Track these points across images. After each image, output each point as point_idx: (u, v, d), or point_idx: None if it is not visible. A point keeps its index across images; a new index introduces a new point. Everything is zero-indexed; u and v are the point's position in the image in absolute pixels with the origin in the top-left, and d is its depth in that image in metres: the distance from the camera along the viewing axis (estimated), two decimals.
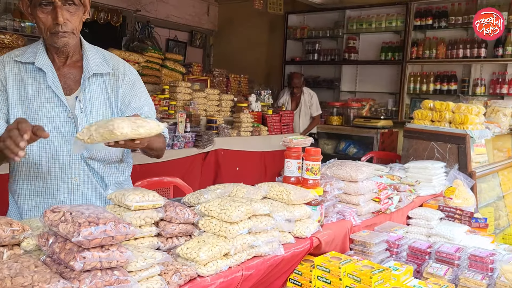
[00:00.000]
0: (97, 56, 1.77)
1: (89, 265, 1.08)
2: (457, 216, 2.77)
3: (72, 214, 1.13)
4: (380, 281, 1.70)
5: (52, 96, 1.68)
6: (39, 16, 1.57)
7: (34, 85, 1.68)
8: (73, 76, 1.73)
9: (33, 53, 1.69)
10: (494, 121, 4.60)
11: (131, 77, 1.83)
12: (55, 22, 1.56)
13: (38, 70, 1.68)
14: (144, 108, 1.82)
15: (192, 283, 1.35)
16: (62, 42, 1.60)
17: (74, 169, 1.70)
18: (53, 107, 1.68)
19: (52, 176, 1.68)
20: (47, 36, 1.60)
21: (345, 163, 2.36)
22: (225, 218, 1.49)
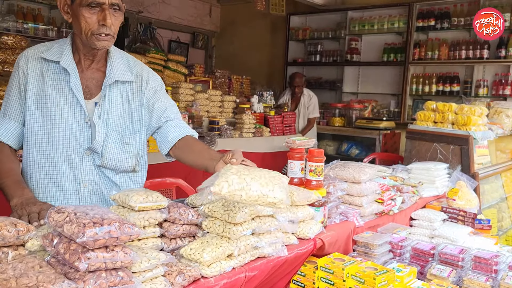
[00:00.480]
0: (121, 62, 1.75)
1: (94, 266, 1.08)
2: (460, 217, 2.77)
3: (76, 215, 1.12)
4: (384, 282, 1.69)
5: (72, 98, 1.66)
6: (84, 15, 1.54)
7: (54, 85, 1.66)
8: (95, 81, 1.71)
9: (59, 51, 1.67)
10: (497, 122, 4.59)
11: (154, 84, 1.82)
12: (102, 23, 1.55)
13: (61, 69, 1.66)
14: (168, 109, 1.81)
15: (196, 284, 1.35)
16: (102, 44, 1.59)
17: (84, 174, 1.69)
18: (71, 110, 1.66)
19: (62, 179, 1.67)
20: (87, 37, 1.57)
21: (348, 164, 2.36)
22: (229, 219, 1.48)
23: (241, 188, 1.33)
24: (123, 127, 1.74)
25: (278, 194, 1.35)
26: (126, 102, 1.75)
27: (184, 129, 1.80)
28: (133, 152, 1.76)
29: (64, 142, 1.65)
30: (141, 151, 1.81)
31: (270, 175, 1.41)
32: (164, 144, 1.78)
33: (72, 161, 1.67)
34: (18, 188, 1.52)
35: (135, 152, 1.77)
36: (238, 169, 1.39)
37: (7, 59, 4.11)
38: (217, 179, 1.35)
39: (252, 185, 1.33)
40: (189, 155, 1.70)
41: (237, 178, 1.34)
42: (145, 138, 1.83)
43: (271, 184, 1.36)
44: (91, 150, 1.68)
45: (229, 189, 1.32)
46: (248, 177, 1.35)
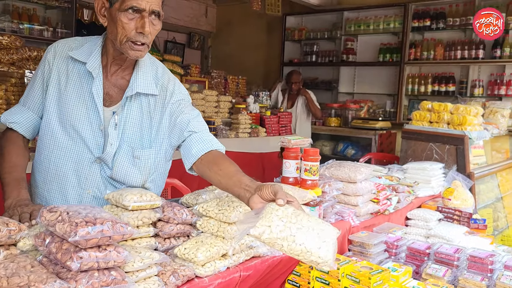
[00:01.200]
0: (149, 73, 1.66)
1: (86, 265, 1.07)
2: (456, 217, 2.77)
3: (69, 214, 1.11)
4: (379, 282, 1.69)
5: (91, 103, 1.60)
6: (122, 20, 1.47)
7: (77, 85, 1.61)
8: (118, 89, 1.64)
9: (88, 51, 1.60)
10: (492, 122, 4.60)
11: (179, 96, 1.70)
12: (140, 31, 1.48)
13: (86, 71, 1.60)
14: (191, 122, 1.67)
15: (190, 284, 1.35)
16: (135, 54, 1.52)
17: (90, 181, 1.63)
18: (88, 114, 1.60)
19: (67, 182, 1.63)
20: (121, 43, 1.50)
21: (343, 164, 2.36)
22: (223, 218, 1.48)
23: (283, 238, 1.18)
24: (137, 140, 1.66)
25: (324, 254, 1.18)
26: (146, 115, 1.66)
27: (208, 142, 1.63)
28: (143, 168, 1.67)
29: (76, 145, 1.61)
30: (154, 167, 1.70)
31: (320, 227, 1.23)
32: (187, 158, 1.64)
33: (80, 166, 1.62)
34: (15, 188, 1.50)
35: (146, 167, 1.67)
36: (285, 213, 1.21)
37: (1, 59, 4.09)
38: (259, 221, 1.20)
39: (297, 237, 1.17)
40: (216, 174, 1.51)
41: (282, 225, 1.19)
42: (164, 154, 1.72)
43: (319, 241, 1.19)
44: (101, 160, 1.62)
45: (270, 235, 1.18)
46: (295, 226, 1.19)
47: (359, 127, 5.72)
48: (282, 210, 1.23)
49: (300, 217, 1.23)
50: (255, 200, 1.32)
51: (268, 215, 1.21)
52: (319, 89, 6.69)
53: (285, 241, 1.18)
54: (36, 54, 4.07)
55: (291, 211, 1.24)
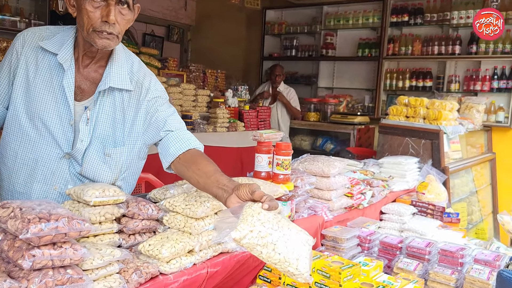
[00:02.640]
0: (124, 66, 1.59)
1: (39, 264, 1.02)
2: (429, 211, 2.79)
3: (22, 210, 1.07)
4: (349, 276, 1.68)
5: (61, 97, 1.52)
6: (87, 8, 1.40)
7: (46, 77, 1.53)
8: (90, 82, 1.57)
9: (60, 42, 1.52)
10: (467, 117, 4.66)
11: (155, 93, 1.65)
12: (104, 20, 1.41)
13: (57, 63, 1.52)
14: (168, 121, 1.62)
15: (154, 281, 1.31)
16: (102, 43, 1.44)
17: (57, 177, 1.56)
18: (57, 108, 1.53)
19: (33, 177, 1.56)
20: (87, 33, 1.43)
21: (317, 158, 2.34)
22: (190, 213, 1.44)
23: (263, 244, 1.14)
24: (108, 137, 1.59)
25: (302, 267, 1.15)
26: (120, 111, 1.60)
27: (186, 141, 1.58)
28: (115, 166, 1.61)
29: (44, 139, 1.54)
30: (126, 165, 1.64)
31: (299, 237, 1.20)
32: (165, 158, 1.59)
33: (47, 161, 1.55)
34: None
35: (117, 165, 1.62)
36: (267, 218, 1.18)
37: None
38: (240, 224, 1.16)
39: (277, 246, 1.14)
40: (194, 174, 1.47)
41: (264, 231, 1.15)
42: (137, 152, 1.67)
43: (298, 251, 1.16)
44: (70, 156, 1.56)
45: (250, 240, 1.14)
46: (276, 233, 1.16)
47: (338, 122, 5.72)
48: (264, 215, 1.20)
49: (281, 224, 1.21)
50: (233, 200, 1.29)
51: (249, 218, 1.18)
52: (298, 83, 6.68)
53: (265, 248, 1.15)
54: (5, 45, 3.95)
55: (273, 216, 1.21)
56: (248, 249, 1.17)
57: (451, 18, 5.28)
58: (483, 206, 4.80)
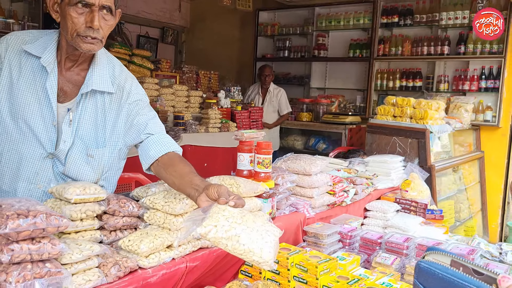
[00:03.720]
0: (106, 70, 1.65)
1: (18, 258, 1.08)
2: (412, 208, 2.85)
3: (1, 207, 1.12)
4: (326, 270, 1.74)
5: (44, 99, 1.58)
6: (71, 14, 1.46)
7: (30, 80, 1.58)
8: (72, 85, 1.62)
9: (43, 46, 1.58)
10: (456, 116, 4.73)
11: (136, 97, 1.71)
12: (89, 25, 1.47)
13: (40, 66, 1.57)
14: (149, 124, 1.68)
15: (133, 275, 1.36)
16: (87, 47, 1.50)
17: (40, 176, 1.62)
18: (41, 110, 1.58)
19: (18, 176, 1.61)
20: (72, 37, 1.49)
21: (300, 157, 2.40)
22: (169, 210, 1.50)
23: (228, 237, 1.21)
24: (91, 139, 1.65)
25: (266, 255, 1.21)
26: (101, 113, 1.65)
27: (166, 145, 1.64)
28: (97, 166, 1.67)
29: (28, 140, 1.59)
30: (108, 165, 1.70)
31: (264, 228, 1.27)
32: (145, 160, 1.65)
33: (31, 161, 1.61)
34: None
35: (100, 165, 1.68)
36: (232, 214, 1.25)
37: None
38: (206, 220, 1.23)
39: (241, 238, 1.21)
40: (171, 175, 1.54)
41: (227, 225, 1.22)
42: (118, 153, 1.72)
43: (262, 241, 1.23)
44: (54, 156, 1.61)
45: (215, 234, 1.21)
46: (240, 227, 1.23)
47: (330, 122, 5.79)
48: (228, 211, 1.26)
49: (246, 218, 1.27)
50: (202, 199, 1.36)
51: (215, 215, 1.25)
52: (291, 84, 6.74)
53: (229, 240, 1.22)
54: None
55: (237, 211, 1.28)
56: (214, 243, 1.23)
57: (440, 19, 5.35)
58: (472, 204, 4.87)
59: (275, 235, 1.27)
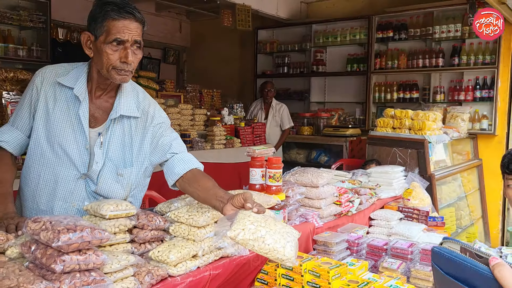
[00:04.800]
0: (131, 96, 1.83)
1: (69, 267, 1.22)
2: (414, 215, 2.99)
3: (52, 223, 1.26)
4: (337, 275, 1.87)
5: (78, 125, 1.75)
6: (107, 52, 1.63)
7: (64, 108, 1.76)
8: (102, 111, 1.80)
9: (75, 77, 1.75)
10: (453, 126, 4.89)
11: (160, 120, 1.88)
12: (123, 61, 1.64)
13: (73, 96, 1.74)
14: (173, 144, 1.85)
15: (164, 283, 1.50)
16: (122, 79, 1.69)
17: (75, 195, 1.77)
18: (74, 135, 1.75)
19: (55, 196, 1.77)
20: (108, 71, 1.66)
21: (307, 170, 2.55)
22: (193, 223, 1.64)
23: (255, 239, 1.37)
24: (119, 159, 1.81)
25: (288, 252, 1.38)
26: (128, 136, 1.82)
27: (189, 162, 1.81)
28: (126, 184, 1.83)
29: (63, 163, 1.75)
30: (135, 183, 1.87)
31: (285, 230, 1.44)
32: (171, 177, 1.81)
33: (67, 182, 1.76)
34: (2, 202, 1.64)
35: (128, 183, 1.83)
36: (256, 219, 1.42)
37: None
38: (234, 225, 1.40)
39: (266, 239, 1.38)
40: (196, 190, 1.71)
41: (253, 228, 1.39)
42: (143, 171, 1.88)
43: (284, 241, 1.39)
44: (87, 176, 1.77)
45: (243, 237, 1.38)
46: (264, 229, 1.39)
47: (330, 135, 5.94)
48: (253, 216, 1.44)
49: (268, 222, 1.45)
50: (228, 208, 1.54)
51: (241, 220, 1.42)
52: (292, 99, 6.92)
53: (256, 241, 1.38)
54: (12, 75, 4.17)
55: (261, 217, 1.46)
56: (243, 245, 1.40)
57: (433, 33, 5.55)
58: (472, 211, 5.00)
59: (295, 236, 1.45)
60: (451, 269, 0.80)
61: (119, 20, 1.63)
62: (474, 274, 0.77)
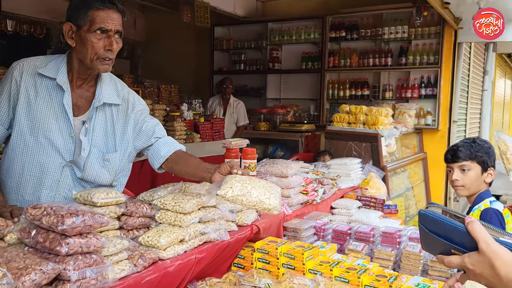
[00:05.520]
0: (110, 85, 1.90)
1: (72, 250, 1.27)
2: (372, 203, 3.22)
3: (53, 209, 1.31)
4: (310, 256, 2.02)
5: (62, 114, 1.79)
6: (92, 40, 1.69)
7: (46, 98, 1.78)
8: (84, 100, 1.85)
9: (55, 68, 1.79)
10: (401, 121, 5.24)
11: (140, 107, 2.00)
12: (108, 48, 1.70)
13: (55, 86, 1.78)
14: (156, 130, 1.99)
15: (155, 265, 1.58)
16: (104, 68, 1.75)
17: (62, 183, 1.82)
18: (58, 124, 1.79)
19: (41, 186, 1.80)
20: (91, 61, 1.72)
21: (276, 162, 2.69)
22: (179, 209, 1.72)
23: (242, 194, 1.57)
24: (104, 145, 1.89)
25: (273, 202, 1.60)
26: (110, 123, 1.91)
27: (173, 145, 2.00)
28: (112, 169, 1.92)
29: (48, 152, 1.79)
30: (120, 168, 1.96)
31: (268, 185, 1.65)
32: (157, 159, 1.97)
33: (53, 170, 1.80)
34: None
35: (114, 168, 1.93)
36: (241, 178, 1.63)
37: None
38: (223, 185, 1.59)
39: (252, 193, 1.58)
40: (183, 167, 1.90)
41: (240, 185, 1.59)
42: (127, 156, 1.98)
43: (268, 193, 1.60)
44: (72, 163, 1.82)
45: (232, 194, 1.56)
46: (250, 185, 1.59)
47: (286, 130, 6.14)
48: (239, 177, 1.66)
49: (253, 180, 1.68)
50: (216, 176, 1.76)
51: (229, 181, 1.62)
52: (248, 95, 7.05)
53: (244, 196, 1.59)
54: None
55: (246, 177, 1.68)
56: (232, 201, 1.59)
57: (383, 34, 5.89)
58: (418, 201, 5.38)
59: (277, 190, 1.68)
60: (434, 227, 0.96)
61: (103, 10, 1.71)
62: (453, 230, 0.93)
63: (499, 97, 11.55)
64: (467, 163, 2.34)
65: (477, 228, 0.90)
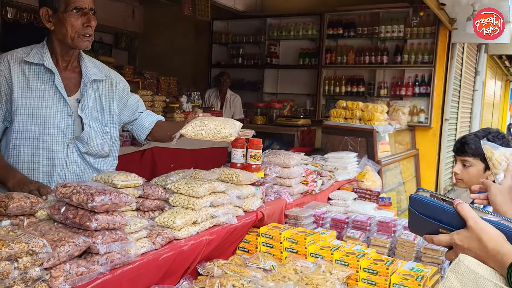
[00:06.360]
0: (92, 64, 2.04)
1: (100, 226, 1.38)
2: (367, 195, 3.35)
3: (82, 187, 1.41)
4: (312, 241, 2.15)
5: (56, 95, 1.91)
6: (71, 19, 1.82)
7: (39, 85, 1.89)
8: (73, 80, 1.99)
9: (38, 54, 1.90)
10: (395, 118, 5.38)
11: (122, 84, 2.18)
12: (87, 25, 1.83)
13: (45, 71, 1.89)
14: (139, 104, 2.22)
15: (171, 244, 1.69)
16: (85, 44, 1.88)
17: (69, 161, 1.95)
18: (55, 105, 1.91)
19: (52, 166, 1.91)
20: (73, 39, 1.84)
21: (278, 153, 2.80)
22: (193, 193, 1.83)
23: (201, 128, 1.80)
24: (99, 119, 2.04)
25: (228, 130, 1.84)
26: (98, 98, 2.06)
27: (153, 116, 2.23)
28: (109, 140, 2.09)
29: (52, 133, 1.90)
30: (113, 139, 2.14)
31: (224, 119, 1.89)
32: (142, 131, 2.20)
33: (60, 150, 1.92)
34: (9, 171, 1.76)
35: (110, 140, 2.10)
36: (201, 118, 1.87)
37: None
38: (185, 125, 1.84)
39: (210, 126, 1.82)
40: (165, 131, 2.12)
41: (198, 122, 1.83)
42: (115, 129, 2.15)
43: (224, 124, 1.85)
44: (76, 139, 1.95)
45: (193, 130, 1.80)
46: (207, 121, 1.84)
47: (282, 125, 6.24)
48: (200, 118, 1.88)
49: (211, 118, 1.89)
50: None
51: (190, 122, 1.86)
52: (245, 89, 7.15)
53: (203, 130, 1.81)
54: None
55: (206, 118, 1.89)
56: (195, 136, 1.80)
57: (379, 32, 6.02)
58: None
59: (235, 123, 1.91)
60: (424, 209, 1.07)
61: None
62: (442, 212, 1.05)
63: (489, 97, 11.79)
64: (470, 159, 2.30)
65: (465, 208, 1.02)
